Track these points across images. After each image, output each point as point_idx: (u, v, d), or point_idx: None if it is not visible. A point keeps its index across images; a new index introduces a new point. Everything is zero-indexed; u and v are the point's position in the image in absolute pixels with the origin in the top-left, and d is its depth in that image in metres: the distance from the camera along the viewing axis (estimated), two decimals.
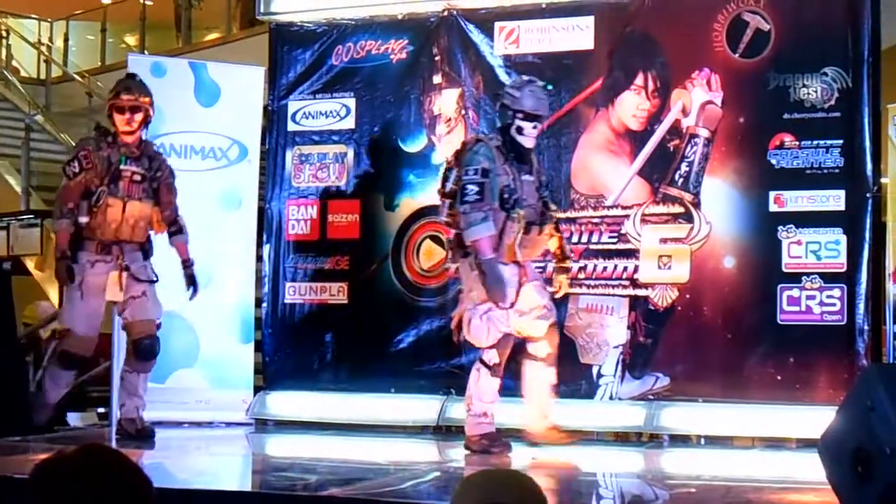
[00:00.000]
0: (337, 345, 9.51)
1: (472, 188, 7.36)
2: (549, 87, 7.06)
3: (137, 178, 8.12)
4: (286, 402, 9.38)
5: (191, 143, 9.58)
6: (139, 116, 8.15)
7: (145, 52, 17.15)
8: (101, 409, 9.82)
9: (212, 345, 9.45)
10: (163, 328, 9.30)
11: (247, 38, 15.36)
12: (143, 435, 8.12)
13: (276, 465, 7.24)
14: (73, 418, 9.67)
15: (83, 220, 7.96)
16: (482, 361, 7.60)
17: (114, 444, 7.82)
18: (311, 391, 9.41)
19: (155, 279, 8.30)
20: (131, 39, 20.57)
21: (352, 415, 8.76)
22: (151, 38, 19.16)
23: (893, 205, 8.67)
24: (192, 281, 8.44)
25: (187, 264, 8.45)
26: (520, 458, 7.49)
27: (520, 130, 7.60)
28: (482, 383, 7.60)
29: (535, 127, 7.63)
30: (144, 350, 8.15)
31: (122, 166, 8.05)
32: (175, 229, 8.43)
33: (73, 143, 15.37)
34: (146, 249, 8.31)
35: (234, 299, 9.59)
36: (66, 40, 20.09)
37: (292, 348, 9.66)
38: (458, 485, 2.72)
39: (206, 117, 9.60)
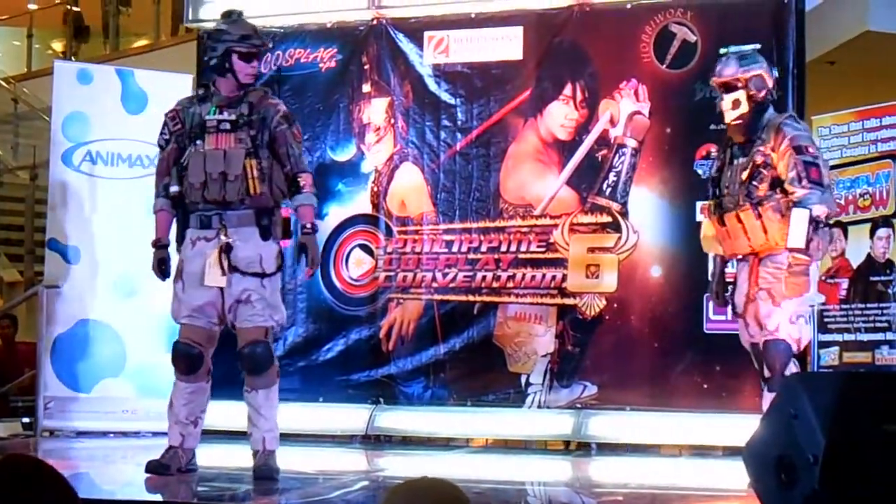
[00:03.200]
0: None
1: None
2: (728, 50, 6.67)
3: (226, 126, 6.53)
4: (214, 412, 9.25)
5: (118, 151, 9.50)
6: (256, 63, 6.75)
7: (72, 58, 16.99)
8: (25, 419, 9.70)
9: (139, 354, 9.36)
10: (89, 337, 9.26)
11: (175, 45, 15.26)
12: (258, 474, 6.54)
13: (203, 475, 7.17)
14: None
15: (174, 189, 6.60)
16: None
17: (38, 455, 7.74)
18: (239, 400, 9.33)
19: (270, 271, 6.56)
20: (58, 45, 20.36)
21: (280, 424, 8.71)
22: (78, 45, 18.98)
23: None
24: (303, 250, 6.66)
25: (305, 230, 6.63)
26: (448, 465, 7.49)
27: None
28: None
29: (721, 98, 6.61)
30: (245, 360, 6.58)
31: (208, 117, 6.56)
32: (294, 189, 6.65)
33: None
34: (265, 224, 6.57)
35: (162, 308, 9.47)
36: None
37: (220, 357, 9.61)
38: (384, 494, 2.72)
39: (133, 125, 9.52)
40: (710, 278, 6.93)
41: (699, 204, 8.57)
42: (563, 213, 8.88)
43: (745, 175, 6.32)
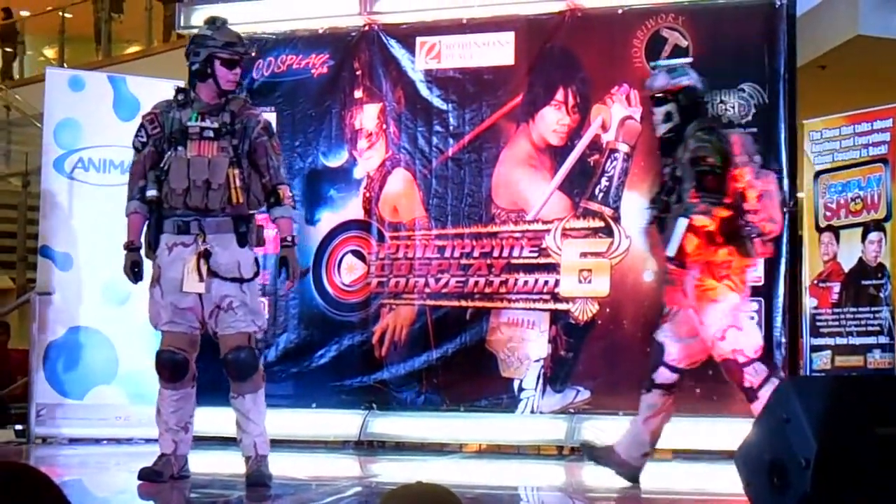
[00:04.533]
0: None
1: None
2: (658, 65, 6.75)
3: (209, 133, 6.50)
4: (207, 418, 9.28)
5: (110, 157, 9.50)
6: (238, 70, 6.70)
7: (64, 65, 16.99)
8: (18, 427, 9.69)
9: (131, 361, 9.36)
10: (81, 344, 9.25)
11: (167, 52, 15.27)
12: (251, 481, 6.49)
13: (196, 481, 7.16)
14: None
15: (151, 193, 6.49)
16: None
17: (31, 462, 7.73)
18: (226, 406, 9.34)
19: (248, 277, 6.53)
20: (50, 52, 20.37)
21: (273, 430, 8.70)
22: (71, 51, 18.99)
23: (809, 219, 8.80)
24: (283, 263, 6.64)
25: (285, 243, 6.66)
26: (442, 470, 7.49)
27: None
28: None
29: (652, 112, 6.78)
30: (230, 366, 6.52)
31: (189, 123, 6.52)
32: (273, 200, 6.65)
33: None
34: (242, 231, 6.54)
35: None
36: None
37: (212, 363, 9.60)
38: (378, 500, 2.72)
39: (125, 131, 9.43)
40: None
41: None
42: (555, 219, 8.89)
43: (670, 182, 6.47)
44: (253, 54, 8.48)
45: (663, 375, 6.58)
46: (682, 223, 6.22)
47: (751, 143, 6.70)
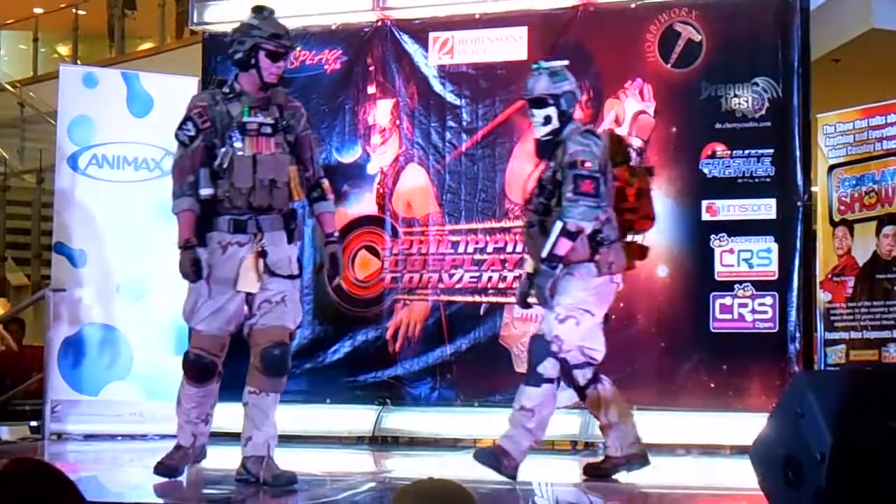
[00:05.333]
0: None
1: None
2: (540, 67, 6.73)
3: (267, 129, 6.35)
4: (221, 414, 9.28)
5: (123, 154, 9.51)
6: (282, 63, 6.48)
7: (78, 62, 17.01)
8: (33, 423, 9.71)
9: (146, 357, 9.37)
10: (96, 340, 9.26)
11: (180, 48, 15.28)
12: (282, 481, 6.31)
13: (210, 477, 7.17)
14: (4, 432, 9.57)
15: (206, 192, 6.24)
16: None
17: (46, 458, 7.75)
18: (238, 401, 9.36)
19: (297, 273, 6.52)
20: (64, 49, 20.39)
21: (287, 425, 8.69)
22: (84, 48, 19.00)
23: (823, 213, 8.78)
24: (333, 261, 6.60)
25: (330, 238, 6.62)
26: (456, 466, 7.49)
27: None
28: None
29: (532, 114, 6.66)
30: (272, 361, 6.35)
31: (245, 118, 6.31)
32: (317, 195, 6.64)
33: (4, 154, 15.30)
34: (291, 228, 6.49)
35: (168, 311, 9.50)
36: None
37: (226, 360, 9.61)
38: (392, 496, 2.72)
39: (139, 128, 9.53)
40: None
41: (704, 203, 8.60)
42: None
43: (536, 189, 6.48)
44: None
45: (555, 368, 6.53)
46: (558, 226, 6.28)
47: (626, 142, 6.78)
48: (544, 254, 6.29)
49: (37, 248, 13.97)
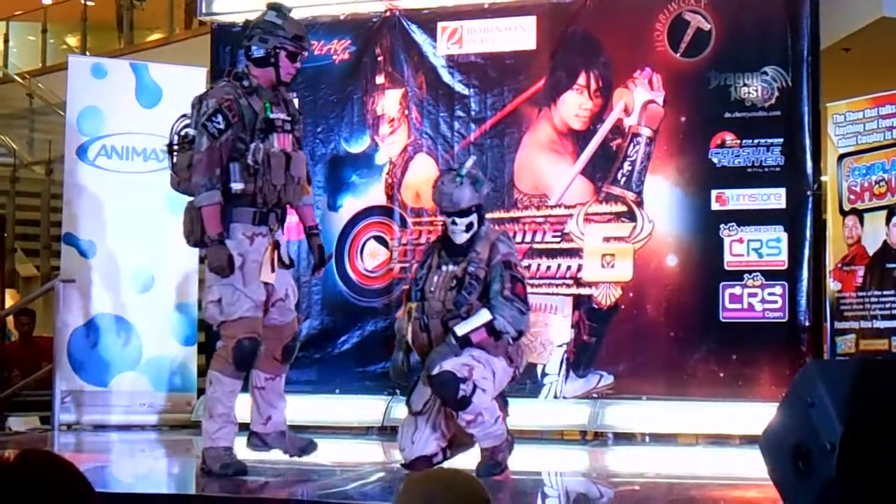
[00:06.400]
0: None
1: None
2: (461, 175, 6.62)
3: (287, 127, 6.46)
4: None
5: (132, 145, 9.52)
6: (298, 63, 6.59)
7: (87, 52, 17.01)
8: (43, 413, 9.73)
9: (155, 347, 9.40)
10: (105, 331, 9.28)
11: (189, 39, 15.26)
12: (310, 449, 6.69)
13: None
14: (14, 422, 9.59)
15: (237, 186, 6.26)
16: None
17: (55, 448, 7.76)
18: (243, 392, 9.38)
19: (291, 263, 6.77)
20: (72, 40, 20.39)
21: (296, 416, 8.72)
22: (93, 39, 19.00)
23: (833, 202, 8.76)
24: (321, 252, 6.80)
25: (314, 230, 6.83)
26: (464, 456, 7.48)
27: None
28: None
29: (454, 222, 6.43)
30: (290, 352, 6.68)
31: (269, 115, 6.37)
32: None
33: (14, 145, 15.31)
34: (284, 221, 6.67)
35: (178, 301, 9.54)
36: (6, 41, 19.89)
37: None
38: (402, 485, 2.72)
39: (147, 119, 9.53)
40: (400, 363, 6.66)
41: (714, 192, 8.59)
42: (577, 203, 8.88)
43: (454, 283, 6.32)
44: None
45: None
46: (485, 315, 6.19)
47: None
48: (460, 332, 6.17)
49: (46, 239, 13.96)
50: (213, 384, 6.42)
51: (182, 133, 6.53)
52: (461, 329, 6.19)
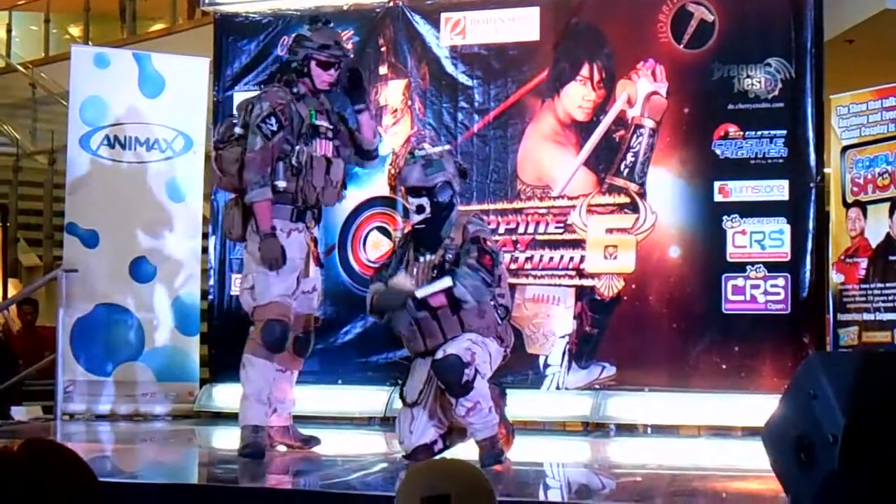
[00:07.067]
0: None
1: None
2: (414, 156, 6.72)
3: (330, 134, 6.97)
4: (233, 395, 9.29)
5: (135, 135, 9.51)
6: (334, 71, 6.98)
7: (89, 42, 17.00)
8: (46, 403, 9.73)
9: (158, 337, 9.40)
10: (108, 321, 9.28)
11: (192, 29, 15.25)
12: (313, 442, 7.18)
13: (222, 457, 7.20)
14: (17, 412, 9.60)
15: (281, 184, 6.71)
16: None
17: (58, 438, 7.76)
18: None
19: (321, 263, 7.34)
20: (75, 30, 20.37)
21: (299, 406, 8.75)
22: (96, 29, 18.98)
23: (836, 195, 8.75)
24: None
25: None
26: (466, 447, 7.49)
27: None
28: None
29: (408, 201, 6.79)
30: (304, 344, 7.12)
31: (314, 121, 6.85)
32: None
33: (16, 135, 15.31)
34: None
35: (180, 291, 9.54)
36: (8, 31, 19.88)
37: (238, 340, 9.62)
38: (404, 476, 2.72)
39: (150, 109, 9.53)
40: None
41: (717, 184, 8.58)
42: (580, 195, 8.88)
43: (434, 272, 6.36)
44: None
45: None
46: (446, 281, 6.21)
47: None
48: (419, 294, 6.23)
49: (49, 229, 13.96)
50: (245, 366, 6.83)
51: (227, 133, 6.92)
52: (421, 292, 6.25)
